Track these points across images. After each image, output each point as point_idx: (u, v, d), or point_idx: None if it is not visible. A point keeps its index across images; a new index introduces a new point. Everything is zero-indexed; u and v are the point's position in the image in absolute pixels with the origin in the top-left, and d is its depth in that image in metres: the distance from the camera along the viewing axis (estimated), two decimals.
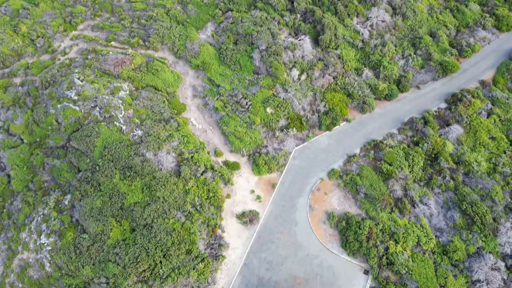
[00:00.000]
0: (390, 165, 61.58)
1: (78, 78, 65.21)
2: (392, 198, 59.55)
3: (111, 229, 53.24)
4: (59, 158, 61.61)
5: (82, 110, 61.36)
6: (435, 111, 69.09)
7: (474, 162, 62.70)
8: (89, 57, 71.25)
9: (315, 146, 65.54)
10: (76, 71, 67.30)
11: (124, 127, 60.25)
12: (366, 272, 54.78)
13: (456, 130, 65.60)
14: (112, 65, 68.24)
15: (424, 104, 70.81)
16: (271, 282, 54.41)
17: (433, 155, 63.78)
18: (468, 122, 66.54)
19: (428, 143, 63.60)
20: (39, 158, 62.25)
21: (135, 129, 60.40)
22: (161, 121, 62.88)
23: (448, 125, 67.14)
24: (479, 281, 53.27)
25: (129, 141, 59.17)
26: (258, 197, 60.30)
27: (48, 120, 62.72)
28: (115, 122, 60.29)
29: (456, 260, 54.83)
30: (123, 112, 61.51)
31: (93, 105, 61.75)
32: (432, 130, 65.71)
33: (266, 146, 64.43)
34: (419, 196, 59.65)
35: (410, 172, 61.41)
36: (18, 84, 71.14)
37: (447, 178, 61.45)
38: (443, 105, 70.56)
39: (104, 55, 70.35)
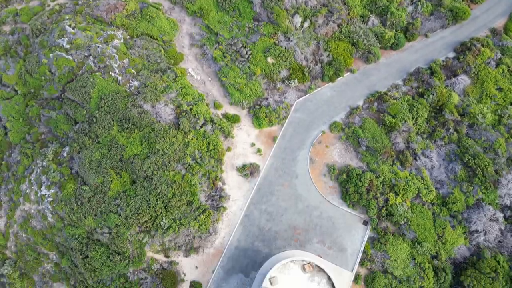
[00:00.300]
0: (393, 117, 60.27)
1: (70, 26, 61.99)
2: (394, 151, 58.91)
3: (111, 181, 53.09)
4: (55, 109, 60.22)
5: (76, 60, 58.92)
6: (443, 61, 66.53)
7: (479, 114, 61.39)
8: (80, 2, 67.37)
9: (317, 98, 63.79)
10: (67, 17, 63.84)
11: (119, 78, 58.18)
12: (365, 223, 55.46)
13: (463, 81, 63.53)
14: (104, 11, 64.58)
15: (431, 54, 68.01)
16: (271, 232, 55.29)
17: (438, 107, 62.26)
18: (476, 73, 64.28)
19: (433, 94, 61.82)
20: (34, 110, 60.86)
21: (131, 80, 58.36)
22: (157, 71, 60.65)
23: (455, 75, 64.93)
24: (476, 231, 54.09)
25: (126, 92, 57.39)
26: (259, 150, 59.67)
27: (41, 70, 60.48)
28: (110, 72, 58.11)
29: (455, 211, 55.32)
30: (118, 62, 59.10)
31: (86, 54, 59.20)
32: (439, 81, 63.61)
33: (267, 98, 62.69)
34: (421, 148, 58.96)
35: (413, 124, 60.23)
36: (7, 32, 67.97)
37: (450, 130, 60.43)
38: (451, 55, 67.81)
39: (95, 0, 66.40)
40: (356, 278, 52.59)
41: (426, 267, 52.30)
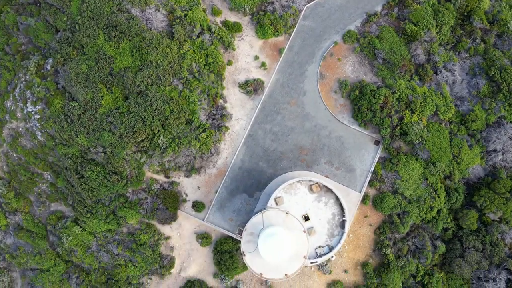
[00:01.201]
0: (415, 25, 53.32)
1: None
2: (413, 64, 53.23)
3: (101, 96, 48.45)
4: (33, 16, 53.58)
5: None
6: None
7: (511, 22, 54.49)
8: None
9: (330, 2, 56.01)
10: None
11: None
12: (376, 143, 52.09)
13: None
14: None
15: None
16: (276, 152, 52.28)
17: (465, 13, 55.01)
18: None
19: None
20: (10, 17, 54.29)
21: None
22: None
23: None
24: (494, 151, 51.16)
25: None
26: (263, 64, 53.97)
27: None
28: None
29: (474, 130, 51.72)
30: None
31: None
32: None
33: (272, 3, 55.09)
34: (443, 61, 53.22)
35: (437, 33, 53.57)
36: None
37: (477, 40, 54.09)
38: None
39: None
40: (364, 199, 50.81)
41: (438, 187, 50.15)
